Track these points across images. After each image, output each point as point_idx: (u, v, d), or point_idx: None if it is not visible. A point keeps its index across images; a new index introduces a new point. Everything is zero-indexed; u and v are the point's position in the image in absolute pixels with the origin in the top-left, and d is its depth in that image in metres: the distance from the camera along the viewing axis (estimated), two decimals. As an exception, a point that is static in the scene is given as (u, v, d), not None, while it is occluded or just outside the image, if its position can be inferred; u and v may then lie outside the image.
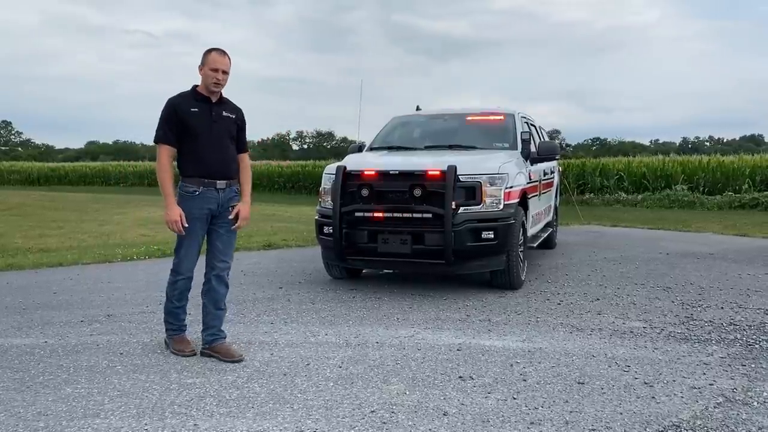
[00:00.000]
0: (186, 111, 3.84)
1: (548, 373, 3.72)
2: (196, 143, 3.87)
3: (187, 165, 3.93)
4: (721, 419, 3.05)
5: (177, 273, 4.04)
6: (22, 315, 5.19)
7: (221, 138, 3.96)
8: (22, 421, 3.06)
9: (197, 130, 3.86)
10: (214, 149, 3.92)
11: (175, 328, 4.15)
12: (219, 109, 3.97)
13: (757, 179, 18.31)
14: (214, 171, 3.93)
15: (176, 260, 4.04)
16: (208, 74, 3.87)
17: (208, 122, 3.90)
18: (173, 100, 3.89)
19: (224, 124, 3.98)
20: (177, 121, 3.83)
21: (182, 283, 4.05)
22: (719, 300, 5.61)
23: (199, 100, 3.90)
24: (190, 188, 3.90)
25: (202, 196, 3.91)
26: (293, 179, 29.80)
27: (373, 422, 3.03)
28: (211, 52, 3.89)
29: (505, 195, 5.69)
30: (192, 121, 3.85)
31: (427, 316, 5.06)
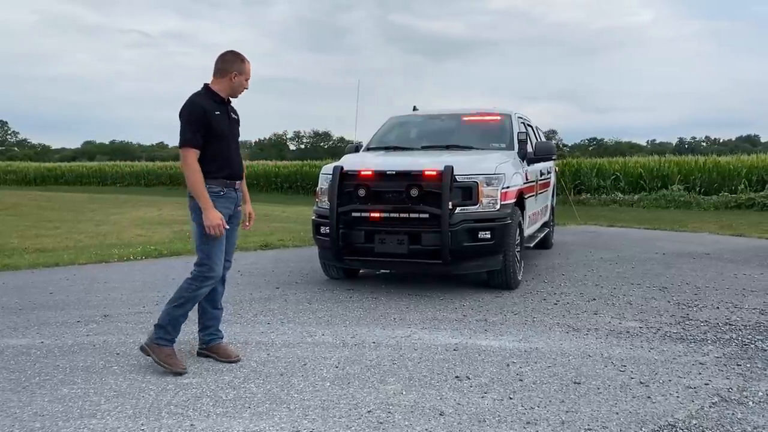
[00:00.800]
0: (212, 113, 3.80)
1: (544, 372, 3.73)
2: (220, 145, 3.85)
3: (212, 166, 3.82)
4: (717, 419, 3.06)
5: (208, 278, 3.82)
6: (18, 315, 5.18)
7: (236, 139, 4.03)
8: (18, 421, 3.05)
9: (220, 133, 3.84)
10: (232, 151, 3.95)
11: (170, 339, 3.83)
12: (231, 110, 4.00)
13: (753, 179, 18.36)
14: (236, 172, 3.96)
15: (205, 268, 3.82)
16: (242, 83, 3.92)
17: (228, 124, 3.92)
18: (200, 102, 3.81)
19: (236, 126, 4.05)
20: (204, 123, 3.77)
21: (207, 289, 3.85)
22: (715, 300, 5.63)
23: (218, 102, 3.88)
24: (215, 188, 3.83)
25: (226, 197, 3.90)
26: (290, 179, 29.79)
27: (369, 422, 3.03)
28: (246, 61, 3.92)
29: (502, 195, 5.70)
30: (217, 123, 3.82)
31: (424, 316, 5.06)
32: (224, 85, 3.89)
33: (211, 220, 3.71)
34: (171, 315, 3.81)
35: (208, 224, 3.71)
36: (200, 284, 3.83)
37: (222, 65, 3.88)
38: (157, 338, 3.81)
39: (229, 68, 3.87)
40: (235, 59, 3.90)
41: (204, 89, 3.90)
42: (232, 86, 3.90)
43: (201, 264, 3.83)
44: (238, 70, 3.88)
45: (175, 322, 3.82)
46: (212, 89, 3.89)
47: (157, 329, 3.82)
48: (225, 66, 3.88)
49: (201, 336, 4.08)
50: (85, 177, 39.68)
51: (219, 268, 3.87)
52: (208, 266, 3.82)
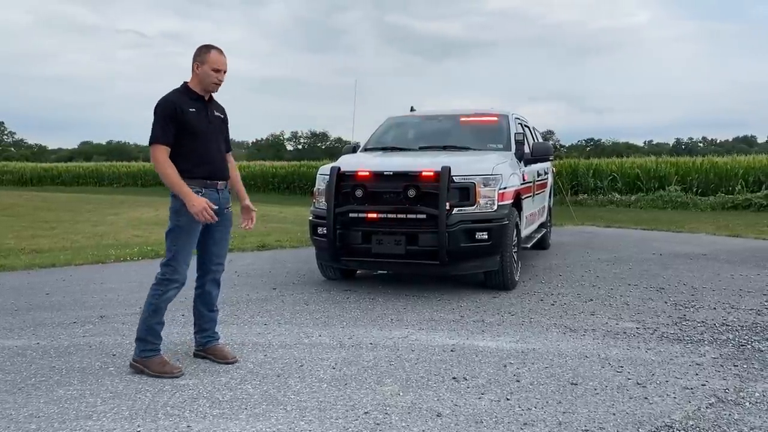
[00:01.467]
0: (185, 110, 3.69)
1: (541, 373, 3.72)
2: (195, 143, 3.73)
3: (188, 164, 3.72)
4: (714, 420, 3.06)
5: (171, 281, 3.73)
6: (14, 316, 5.16)
7: (217, 138, 3.89)
8: (13, 423, 3.04)
9: (197, 130, 3.73)
10: (213, 150, 3.83)
11: (154, 348, 3.75)
12: (212, 108, 3.88)
13: (750, 180, 18.40)
14: (215, 172, 3.84)
15: (170, 269, 3.74)
16: (209, 74, 3.74)
17: (206, 122, 3.80)
18: (172, 98, 3.72)
19: (217, 124, 3.91)
20: (176, 120, 3.68)
21: (174, 292, 3.77)
22: (712, 300, 5.63)
23: (194, 99, 3.78)
24: (193, 189, 3.70)
25: (205, 197, 3.74)
26: (287, 180, 29.76)
27: (366, 423, 3.03)
28: (211, 50, 3.75)
29: (499, 196, 5.70)
30: (191, 121, 3.71)
31: (421, 317, 5.06)
32: (195, 79, 3.79)
33: (196, 206, 3.59)
34: (147, 325, 3.75)
35: (195, 211, 3.60)
36: (165, 288, 3.74)
37: (193, 59, 3.78)
38: (141, 352, 3.75)
39: (194, 60, 3.76)
40: (199, 51, 3.76)
41: (182, 86, 3.81)
42: (200, 79, 3.76)
43: (166, 264, 3.75)
44: (200, 60, 3.74)
45: (152, 331, 3.76)
46: (188, 86, 3.80)
47: (139, 343, 3.77)
48: (193, 59, 3.77)
49: (197, 338, 4.06)
50: (81, 177, 39.61)
51: (183, 270, 3.76)
52: (173, 267, 3.73)
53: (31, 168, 43.37)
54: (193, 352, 4.08)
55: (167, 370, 3.70)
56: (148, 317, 3.75)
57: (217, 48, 3.79)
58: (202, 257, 3.98)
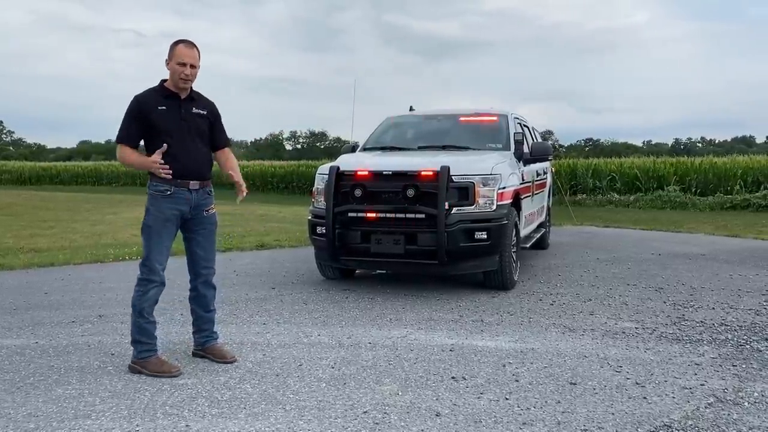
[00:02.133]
0: (152, 109, 3.63)
1: (540, 373, 3.72)
2: (164, 142, 3.65)
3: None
4: (713, 419, 3.06)
5: (149, 281, 3.72)
6: (12, 315, 5.15)
7: (192, 137, 3.77)
8: (12, 422, 3.04)
9: (165, 129, 3.65)
10: (186, 148, 3.72)
11: (150, 348, 3.75)
12: (189, 106, 3.76)
13: (749, 180, 18.41)
14: (187, 171, 3.73)
15: (146, 268, 3.73)
16: (175, 69, 3.66)
17: (177, 120, 3.70)
18: (139, 97, 3.67)
19: (195, 123, 3.79)
20: (141, 119, 3.62)
21: (155, 291, 3.75)
22: (711, 300, 5.64)
23: (168, 97, 3.70)
24: (162, 187, 3.68)
25: (174, 197, 3.71)
26: (286, 179, 29.73)
27: (365, 423, 3.02)
28: (178, 44, 3.68)
29: (498, 196, 5.70)
30: (159, 119, 3.64)
31: (420, 317, 5.06)
32: (169, 77, 3.73)
33: (147, 165, 3.62)
34: (137, 326, 3.76)
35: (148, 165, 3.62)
36: (145, 288, 3.73)
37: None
38: (138, 354, 3.75)
39: (167, 58, 3.70)
40: (170, 46, 3.71)
41: (158, 84, 3.76)
42: (172, 76, 3.70)
43: (143, 264, 3.75)
44: (169, 56, 3.68)
45: (144, 331, 3.75)
46: (164, 84, 3.75)
47: (135, 345, 3.77)
48: (167, 57, 3.72)
49: (196, 338, 4.06)
50: (80, 177, 39.56)
51: (159, 270, 3.75)
52: (147, 266, 3.73)
53: (30, 167, 43.33)
54: (192, 351, 4.08)
55: (165, 369, 3.70)
56: (138, 318, 3.76)
57: (185, 41, 3.72)
58: (190, 261, 3.97)
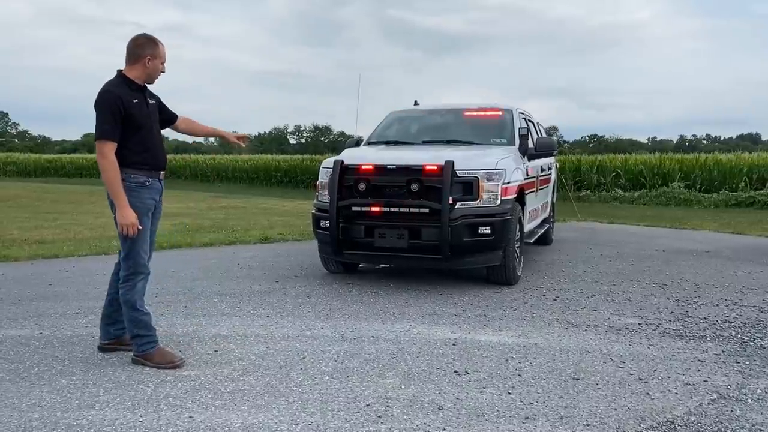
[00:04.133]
0: (129, 102, 3.65)
1: (543, 368, 3.72)
2: (139, 134, 3.71)
3: (135, 157, 3.70)
4: (715, 416, 3.06)
5: (136, 274, 3.73)
6: (17, 306, 5.18)
7: (156, 128, 3.90)
8: (16, 411, 3.05)
9: (140, 121, 3.70)
10: (155, 139, 3.83)
11: (150, 340, 3.76)
12: (148, 96, 3.85)
13: (754, 178, 18.38)
14: (159, 162, 3.84)
15: (131, 262, 3.73)
16: (158, 67, 3.78)
17: (147, 112, 3.78)
18: (116, 91, 3.63)
19: (155, 112, 3.90)
20: (122, 113, 3.62)
21: (142, 283, 3.78)
22: (714, 297, 5.63)
23: (135, 90, 3.73)
24: (141, 178, 3.71)
25: (151, 187, 3.77)
26: (290, 173, 29.74)
27: (368, 416, 3.03)
28: (159, 44, 3.78)
29: (503, 191, 5.69)
30: (136, 112, 3.68)
31: (423, 311, 5.06)
32: (139, 71, 3.74)
33: (125, 218, 3.60)
34: (134, 320, 3.75)
35: (123, 222, 3.60)
36: (133, 282, 3.74)
37: (135, 50, 3.73)
38: (139, 347, 3.76)
39: (143, 53, 3.72)
40: (148, 42, 3.75)
41: (118, 77, 3.74)
42: (147, 71, 3.76)
43: (126, 258, 3.74)
44: (152, 54, 3.73)
45: (142, 323, 3.75)
46: (127, 76, 3.73)
47: (134, 339, 3.77)
48: (138, 51, 3.72)
49: (111, 330, 3.99)
50: (85, 169, 39.62)
51: (144, 261, 3.77)
52: (134, 260, 3.73)
53: (35, 159, 43.44)
54: (99, 345, 4.02)
55: (168, 359, 3.72)
56: (132, 312, 3.74)
57: (161, 41, 3.81)
58: None
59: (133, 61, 3.73)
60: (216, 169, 33.83)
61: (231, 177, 32.55)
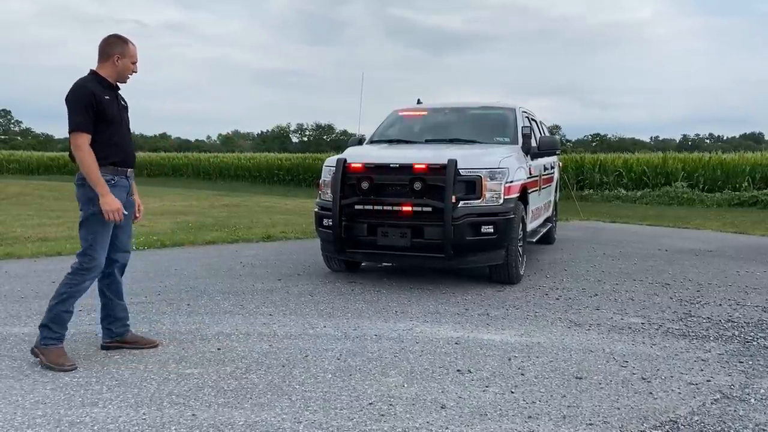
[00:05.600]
0: (101, 98, 3.68)
1: (546, 367, 3.72)
2: (109, 131, 3.73)
3: (103, 153, 3.69)
4: (719, 415, 3.06)
5: (90, 270, 3.71)
6: (20, 304, 5.18)
7: (127, 126, 3.94)
8: (20, 409, 3.06)
9: (111, 118, 3.73)
10: (125, 137, 3.86)
11: (57, 337, 3.69)
12: (119, 96, 3.90)
13: (757, 177, 18.35)
14: (127, 159, 3.87)
15: (87, 258, 3.70)
16: (128, 66, 3.83)
17: (117, 110, 3.81)
18: (90, 86, 3.67)
19: (126, 112, 3.95)
20: (95, 107, 3.64)
21: (90, 282, 3.76)
22: (717, 297, 5.62)
23: (107, 87, 3.77)
24: (107, 177, 3.70)
25: (117, 185, 3.77)
26: (292, 172, 29.76)
27: (371, 414, 3.03)
28: (129, 43, 3.83)
29: (506, 189, 5.68)
30: (107, 108, 3.71)
31: (426, 310, 5.06)
32: (110, 69, 3.78)
33: (110, 204, 3.61)
34: (54, 312, 3.69)
35: (108, 209, 3.60)
36: (82, 277, 3.71)
37: (105, 48, 3.77)
38: (43, 338, 3.69)
39: (112, 51, 3.76)
40: (117, 41, 3.79)
41: (90, 74, 3.77)
42: (118, 70, 3.80)
43: (84, 254, 3.71)
44: (121, 53, 3.77)
45: (59, 319, 3.70)
46: (99, 74, 3.77)
47: (42, 329, 3.70)
48: (108, 49, 3.76)
49: (113, 328, 4.00)
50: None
51: (102, 259, 3.74)
52: (91, 256, 3.70)
53: (38, 157, 43.48)
54: (102, 345, 4.02)
55: (61, 362, 3.63)
56: (57, 305, 3.69)
57: (132, 41, 3.86)
58: (111, 246, 3.91)
59: (104, 59, 3.78)
60: (218, 167, 33.87)
61: (233, 175, 32.58)
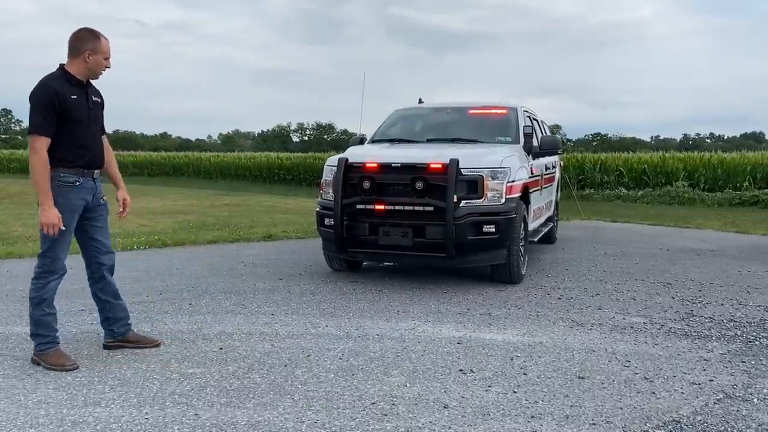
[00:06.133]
0: (67, 97, 3.53)
1: (548, 367, 3.72)
2: (75, 131, 3.59)
3: (68, 154, 3.59)
4: (722, 415, 3.06)
5: (51, 273, 3.66)
6: (22, 303, 5.17)
7: (97, 125, 3.78)
8: (23, 408, 3.06)
9: (77, 118, 3.59)
10: (93, 138, 3.72)
11: (50, 340, 3.69)
12: (90, 93, 3.73)
13: (758, 177, 18.36)
14: (94, 160, 3.73)
15: (48, 260, 3.64)
16: (101, 62, 3.66)
17: (86, 109, 3.66)
18: (52, 85, 3.52)
19: (97, 110, 3.78)
20: (58, 108, 3.49)
21: (55, 283, 3.71)
22: (719, 296, 5.61)
23: (74, 85, 3.61)
24: (70, 178, 3.60)
25: (81, 187, 3.66)
26: (293, 171, 29.77)
27: (373, 414, 3.03)
28: (101, 37, 3.65)
29: (507, 189, 5.68)
30: (73, 108, 3.56)
31: (428, 309, 5.06)
32: (79, 66, 3.62)
33: (48, 218, 3.48)
34: (35, 319, 3.68)
35: (45, 222, 3.48)
36: (46, 279, 3.67)
37: (75, 44, 3.61)
38: (37, 345, 3.69)
39: (82, 47, 3.59)
40: (88, 36, 3.62)
41: (59, 71, 3.62)
42: (89, 66, 3.63)
43: (44, 255, 3.66)
44: (92, 49, 3.60)
45: (43, 323, 3.69)
46: (68, 71, 3.62)
47: (33, 338, 3.71)
48: (78, 45, 3.60)
49: (114, 329, 3.99)
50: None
51: (62, 260, 3.69)
52: (51, 258, 3.65)
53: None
54: (105, 344, 4.01)
55: (59, 362, 3.63)
56: (33, 311, 3.68)
57: (104, 35, 3.69)
58: (92, 249, 3.88)
59: (74, 55, 3.62)
60: (219, 167, 33.89)
61: (234, 174, 32.60)
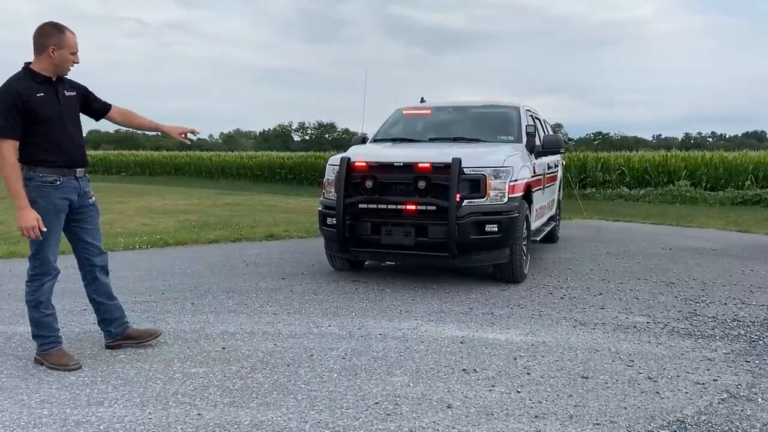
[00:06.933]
0: (31, 96, 3.42)
1: (552, 366, 3.71)
2: (48, 130, 3.50)
3: (41, 154, 3.51)
4: (726, 415, 3.05)
5: (44, 275, 3.65)
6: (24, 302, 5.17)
7: (71, 122, 3.66)
8: (26, 408, 3.06)
9: (47, 116, 3.49)
10: (69, 135, 3.61)
11: (52, 340, 3.68)
12: (62, 89, 3.61)
13: (760, 175, 18.33)
14: (74, 158, 3.65)
15: (38, 262, 3.63)
16: (67, 58, 3.52)
17: (57, 106, 3.55)
18: (14, 86, 3.42)
19: (71, 106, 3.67)
20: (22, 109, 3.40)
21: (50, 283, 3.69)
22: (722, 296, 5.60)
23: (41, 83, 3.50)
24: (50, 178, 3.53)
25: (62, 186, 3.59)
26: (294, 171, 29.77)
27: (377, 414, 3.03)
28: (66, 32, 3.52)
29: (510, 188, 5.67)
30: (40, 107, 3.45)
31: (430, 309, 5.05)
32: (45, 62, 3.50)
33: (25, 220, 3.42)
34: (35, 321, 3.68)
35: (23, 225, 3.44)
36: (40, 281, 3.66)
37: (39, 39, 3.48)
38: (40, 346, 3.70)
39: (46, 42, 3.46)
40: (52, 31, 3.49)
41: (23, 70, 3.52)
42: (54, 63, 3.50)
43: (33, 258, 3.65)
44: (57, 44, 3.47)
45: (44, 324, 3.68)
46: (33, 69, 3.51)
47: (36, 339, 3.72)
48: (42, 40, 3.47)
49: (111, 329, 3.98)
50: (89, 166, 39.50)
51: (53, 260, 3.67)
52: (41, 260, 3.63)
53: (40, 156, 43.40)
54: (106, 344, 4.01)
55: (62, 362, 3.63)
56: (32, 313, 3.68)
57: (69, 29, 3.57)
58: (83, 250, 3.88)
59: (39, 52, 3.50)
60: (220, 166, 33.89)
61: (235, 174, 32.60)
